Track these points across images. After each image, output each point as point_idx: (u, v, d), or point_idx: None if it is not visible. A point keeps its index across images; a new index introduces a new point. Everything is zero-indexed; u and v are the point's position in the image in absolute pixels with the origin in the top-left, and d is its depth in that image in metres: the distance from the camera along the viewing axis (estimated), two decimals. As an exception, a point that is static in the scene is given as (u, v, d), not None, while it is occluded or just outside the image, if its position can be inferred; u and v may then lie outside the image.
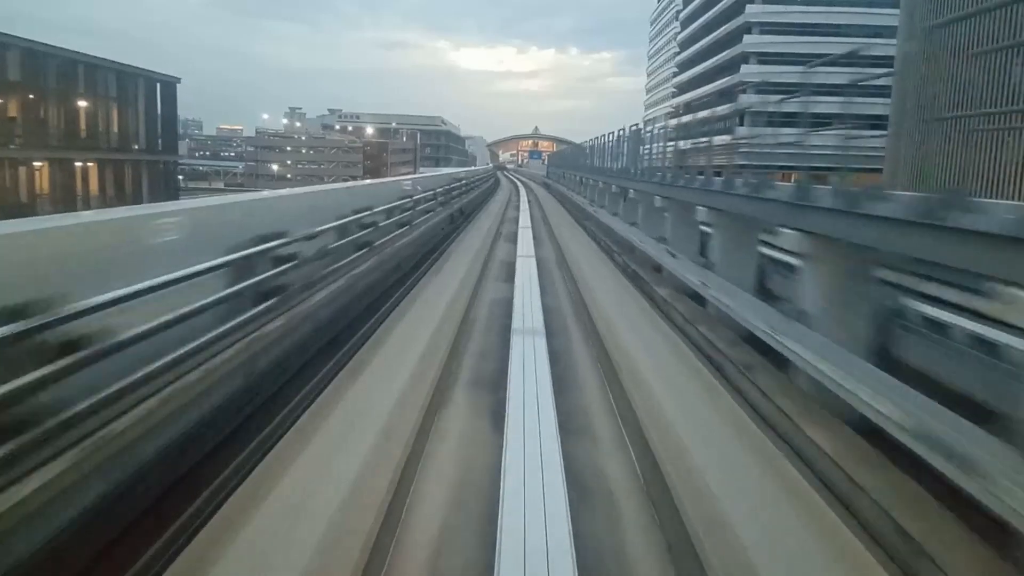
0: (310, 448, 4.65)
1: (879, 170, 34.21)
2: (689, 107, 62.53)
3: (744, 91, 51.26)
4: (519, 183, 56.12)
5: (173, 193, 28.56)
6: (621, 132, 19.60)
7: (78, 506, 3.20)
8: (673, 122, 17.34)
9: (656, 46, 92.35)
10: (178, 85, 29.49)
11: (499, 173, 79.97)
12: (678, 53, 73.34)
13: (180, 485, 4.03)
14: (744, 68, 52.86)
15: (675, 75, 74.92)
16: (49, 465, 3.02)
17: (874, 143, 46.26)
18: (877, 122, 41.33)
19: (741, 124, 52.43)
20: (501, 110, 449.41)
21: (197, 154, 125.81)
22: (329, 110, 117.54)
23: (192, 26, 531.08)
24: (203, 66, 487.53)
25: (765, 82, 46.49)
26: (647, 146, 16.87)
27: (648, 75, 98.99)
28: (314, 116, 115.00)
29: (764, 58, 51.93)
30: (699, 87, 63.16)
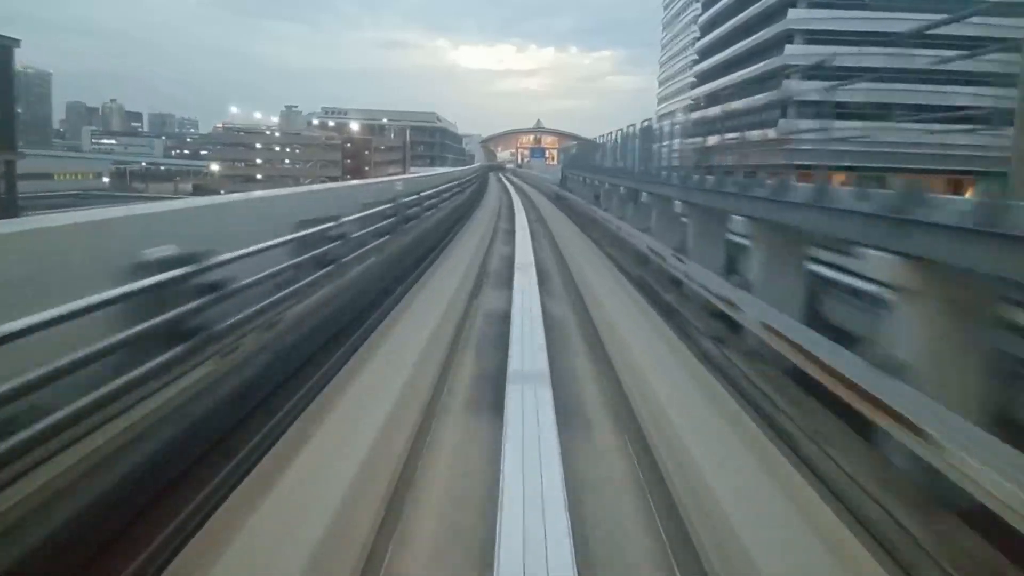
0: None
1: (997, 173, 25.41)
2: (715, 98, 53.62)
3: (788, 76, 42.52)
4: (518, 201, 35.48)
5: (8, 206, 19.56)
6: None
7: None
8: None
9: (671, 32, 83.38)
10: (16, 49, 20.01)
11: (493, 176, 71.06)
12: (699, 39, 64.40)
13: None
14: (789, 48, 43.79)
15: (695, 63, 65.92)
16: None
17: (963, 139, 36.96)
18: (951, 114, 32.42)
19: (784, 115, 41.21)
20: (501, 109, 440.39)
21: (173, 152, 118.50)
22: (324, 108, 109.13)
23: (192, 26, 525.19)
24: (203, 66, 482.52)
25: (820, 64, 37.58)
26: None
27: (661, 65, 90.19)
28: (307, 114, 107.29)
29: (813, 36, 42.92)
30: (727, 75, 54.08)
